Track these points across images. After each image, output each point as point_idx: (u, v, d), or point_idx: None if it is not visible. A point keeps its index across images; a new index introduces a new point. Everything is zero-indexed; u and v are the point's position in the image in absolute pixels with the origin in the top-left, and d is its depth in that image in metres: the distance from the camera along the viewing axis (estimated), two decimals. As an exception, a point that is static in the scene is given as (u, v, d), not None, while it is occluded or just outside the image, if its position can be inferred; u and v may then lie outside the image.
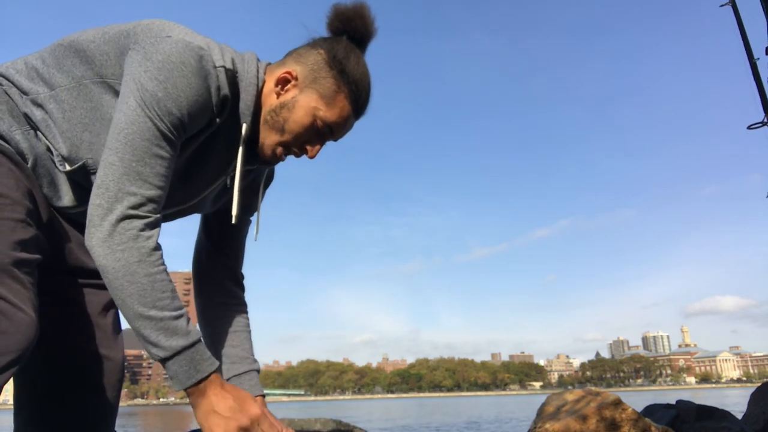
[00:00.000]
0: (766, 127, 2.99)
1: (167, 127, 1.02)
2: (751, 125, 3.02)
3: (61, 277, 1.22)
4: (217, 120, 1.12)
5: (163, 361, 1.01)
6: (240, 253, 1.44)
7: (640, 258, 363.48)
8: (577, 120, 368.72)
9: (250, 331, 1.39)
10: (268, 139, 1.19)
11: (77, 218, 1.21)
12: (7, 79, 1.12)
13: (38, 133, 1.11)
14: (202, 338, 1.06)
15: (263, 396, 1.32)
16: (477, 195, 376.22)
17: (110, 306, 1.30)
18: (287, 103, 1.18)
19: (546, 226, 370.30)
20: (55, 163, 1.13)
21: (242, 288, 1.44)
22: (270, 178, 1.44)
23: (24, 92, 1.11)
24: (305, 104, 1.17)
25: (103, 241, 0.98)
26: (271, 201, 1.52)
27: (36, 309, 0.98)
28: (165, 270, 1.02)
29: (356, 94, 1.21)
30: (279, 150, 1.20)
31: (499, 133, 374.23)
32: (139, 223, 1.00)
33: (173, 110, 1.02)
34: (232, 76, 1.12)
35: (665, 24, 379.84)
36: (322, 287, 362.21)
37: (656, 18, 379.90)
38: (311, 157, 1.24)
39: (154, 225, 1.03)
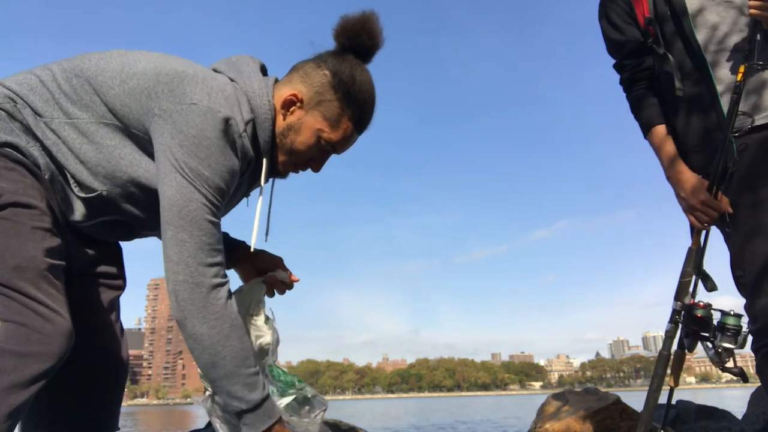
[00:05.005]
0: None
1: (218, 199, 1.13)
2: None
3: (73, 278, 1.25)
4: (245, 175, 1.24)
5: (245, 411, 1.11)
6: None
7: (640, 258, 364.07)
8: (577, 120, 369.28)
9: None
10: (279, 158, 1.28)
11: (86, 230, 1.26)
12: (21, 97, 1.14)
13: (50, 154, 1.15)
14: None
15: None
16: (477, 195, 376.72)
17: (115, 306, 1.36)
18: (293, 125, 1.25)
19: (546, 227, 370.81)
20: (69, 184, 1.17)
21: None
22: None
23: (38, 114, 1.14)
24: (310, 126, 1.24)
25: (198, 312, 1.08)
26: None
27: (69, 313, 1.06)
28: (245, 330, 1.17)
29: (360, 115, 1.26)
30: (292, 168, 1.31)
31: (499, 133, 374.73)
32: (224, 291, 1.12)
33: (220, 184, 1.13)
34: (252, 126, 1.20)
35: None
36: (323, 287, 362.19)
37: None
38: (316, 172, 1.33)
39: (230, 288, 1.15)
